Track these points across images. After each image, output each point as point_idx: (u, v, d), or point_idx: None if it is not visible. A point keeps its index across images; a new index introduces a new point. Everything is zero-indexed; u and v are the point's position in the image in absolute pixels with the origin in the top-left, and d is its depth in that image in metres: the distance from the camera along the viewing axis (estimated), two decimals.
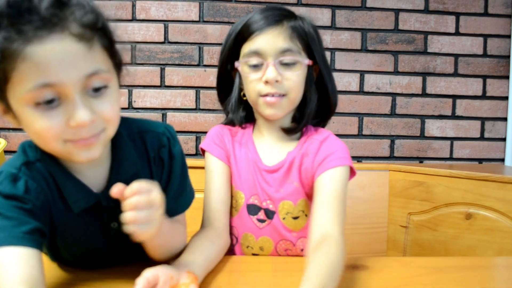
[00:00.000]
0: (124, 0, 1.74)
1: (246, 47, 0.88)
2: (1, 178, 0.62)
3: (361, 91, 1.85)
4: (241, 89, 0.94)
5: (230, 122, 0.99)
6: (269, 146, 0.95)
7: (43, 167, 0.65)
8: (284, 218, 0.91)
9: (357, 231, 1.42)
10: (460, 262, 0.89)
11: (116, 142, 0.69)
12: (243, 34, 0.88)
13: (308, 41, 0.89)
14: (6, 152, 1.60)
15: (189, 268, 0.66)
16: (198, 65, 1.78)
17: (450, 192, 1.42)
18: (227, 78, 0.96)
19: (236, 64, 0.90)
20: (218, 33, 1.78)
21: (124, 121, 0.71)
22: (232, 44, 0.91)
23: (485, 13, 1.88)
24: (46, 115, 0.56)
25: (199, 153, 1.77)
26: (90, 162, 0.65)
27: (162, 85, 1.78)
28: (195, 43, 1.78)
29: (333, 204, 0.81)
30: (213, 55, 1.78)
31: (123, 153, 0.70)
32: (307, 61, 0.89)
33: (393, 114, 1.87)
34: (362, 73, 1.85)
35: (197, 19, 1.78)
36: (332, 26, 1.83)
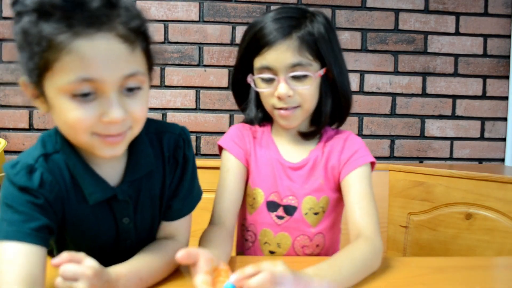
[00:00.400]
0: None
1: (258, 62, 0.89)
2: (18, 168, 0.62)
3: (361, 91, 1.85)
4: (257, 92, 0.95)
5: (249, 122, 1.00)
6: (290, 145, 0.97)
7: (61, 158, 0.66)
8: (306, 214, 0.94)
9: None
10: (460, 262, 0.89)
11: (134, 140, 0.70)
12: (254, 47, 0.89)
13: (318, 47, 0.88)
14: (6, 152, 1.60)
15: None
16: (198, 65, 1.78)
17: (450, 192, 1.42)
18: (242, 83, 0.96)
19: (249, 79, 0.92)
20: (218, 33, 1.78)
21: (147, 120, 0.72)
22: (244, 54, 0.92)
23: (485, 13, 1.88)
24: (80, 107, 0.58)
25: (199, 153, 1.77)
26: (113, 158, 0.66)
27: (162, 85, 1.78)
28: (195, 43, 1.78)
29: (364, 204, 0.86)
30: (213, 55, 1.78)
31: (140, 151, 0.72)
32: (317, 74, 0.89)
33: (393, 114, 1.87)
34: (362, 73, 1.85)
35: (197, 19, 1.78)
36: (334, 26, 1.82)
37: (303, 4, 1.81)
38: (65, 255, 0.55)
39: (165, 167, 0.74)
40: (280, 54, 0.86)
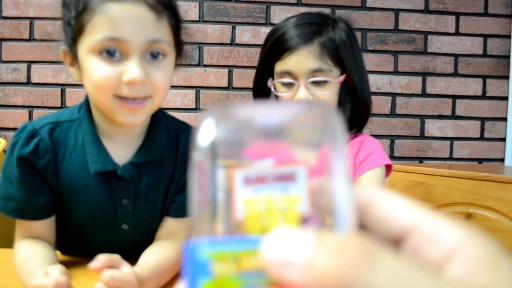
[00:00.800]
0: None
1: (278, 67, 0.90)
2: (25, 132, 0.70)
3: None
4: (277, 96, 0.95)
5: None
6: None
7: (76, 126, 0.73)
8: None
9: None
10: None
11: (153, 127, 0.75)
12: (276, 52, 0.90)
13: (339, 53, 0.89)
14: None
15: None
16: (198, 65, 1.78)
17: (450, 192, 1.42)
18: (264, 87, 0.97)
19: (269, 83, 0.93)
20: (218, 33, 1.78)
21: (166, 115, 0.78)
22: (265, 59, 0.93)
23: (485, 13, 1.88)
24: (106, 66, 0.64)
25: None
26: (131, 126, 0.72)
27: None
28: (195, 43, 1.78)
29: None
30: (213, 55, 1.78)
31: (155, 138, 0.75)
32: (337, 80, 0.89)
33: (393, 114, 1.87)
34: None
35: (197, 19, 1.78)
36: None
37: (303, 4, 1.81)
38: (103, 258, 0.56)
39: (176, 162, 0.77)
40: (301, 60, 0.87)
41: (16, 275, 0.72)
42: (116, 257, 0.58)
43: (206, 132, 0.20)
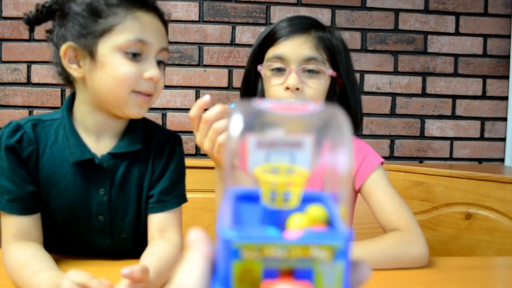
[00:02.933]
0: None
1: (270, 52, 0.89)
2: (11, 126, 0.76)
3: (361, 91, 1.85)
4: (263, 96, 0.94)
5: None
6: None
7: (57, 125, 0.79)
8: None
9: (357, 231, 1.42)
10: (460, 262, 0.89)
11: (132, 124, 0.82)
12: (268, 40, 0.90)
13: (334, 53, 0.90)
14: None
15: None
16: (198, 65, 1.78)
17: (450, 192, 1.42)
18: (252, 84, 0.96)
19: (259, 67, 0.91)
20: (218, 33, 1.78)
21: (144, 118, 0.85)
22: (257, 48, 0.92)
23: (485, 13, 1.88)
24: (130, 64, 0.74)
25: (199, 153, 1.77)
26: (135, 118, 0.80)
27: None
28: (195, 43, 1.78)
29: (392, 201, 0.86)
30: (213, 55, 1.78)
31: (133, 133, 0.81)
32: (330, 71, 0.88)
33: (393, 114, 1.87)
34: (362, 73, 1.85)
35: (197, 19, 1.78)
36: (332, 26, 1.82)
37: (303, 4, 1.81)
38: (136, 268, 0.58)
39: (149, 157, 0.82)
40: (296, 46, 0.86)
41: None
42: (145, 265, 0.61)
43: (236, 123, 0.24)
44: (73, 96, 0.82)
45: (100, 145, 0.79)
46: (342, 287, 0.24)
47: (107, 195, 0.78)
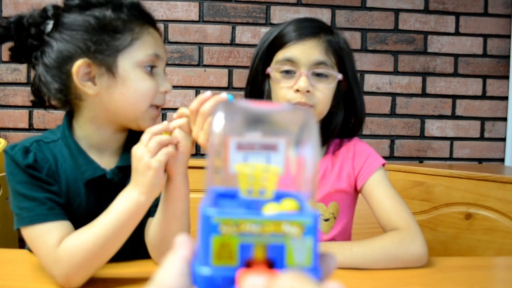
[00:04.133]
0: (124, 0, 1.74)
1: (280, 54, 0.89)
2: (16, 149, 0.73)
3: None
4: (269, 97, 0.94)
5: None
6: None
7: (60, 145, 0.78)
8: None
9: (357, 231, 1.42)
10: (460, 262, 0.89)
11: (131, 135, 0.82)
12: (277, 43, 0.90)
13: (343, 57, 0.91)
14: None
15: None
16: (198, 65, 1.78)
17: (450, 192, 1.42)
18: (257, 87, 0.95)
19: (269, 69, 0.91)
20: (218, 33, 1.78)
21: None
22: (265, 51, 0.92)
23: (485, 13, 1.88)
24: (149, 78, 0.76)
25: (199, 153, 1.77)
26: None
27: None
28: (195, 43, 1.78)
29: (392, 201, 0.87)
30: (212, 55, 1.78)
31: (135, 144, 0.79)
32: (340, 76, 0.90)
33: (393, 114, 1.87)
34: (362, 73, 1.85)
35: (197, 19, 1.78)
36: (332, 26, 1.82)
37: (303, 4, 1.81)
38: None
39: None
40: (307, 50, 0.87)
41: (15, 275, 0.72)
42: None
43: (218, 121, 0.27)
44: (70, 115, 0.80)
45: (103, 160, 0.79)
46: (311, 262, 0.26)
47: None
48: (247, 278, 0.25)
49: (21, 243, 1.37)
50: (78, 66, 0.72)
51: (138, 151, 0.66)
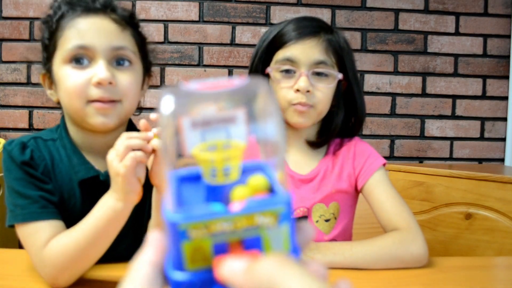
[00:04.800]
0: (124, 0, 1.74)
1: (280, 54, 0.89)
2: (13, 145, 0.74)
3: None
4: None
5: None
6: (298, 155, 0.96)
7: (57, 145, 0.78)
8: (317, 221, 0.93)
9: (357, 231, 1.42)
10: (460, 262, 0.89)
11: None
12: (277, 42, 0.89)
13: (343, 56, 0.90)
14: None
15: None
16: (198, 65, 1.78)
17: (450, 192, 1.42)
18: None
19: (268, 69, 0.91)
20: (218, 33, 1.78)
21: (135, 127, 0.84)
22: (264, 51, 0.92)
23: (485, 13, 1.88)
24: (76, 72, 0.71)
25: None
26: (105, 129, 0.75)
27: (162, 85, 1.78)
28: (195, 43, 1.78)
29: (392, 201, 0.87)
30: (213, 55, 1.78)
31: None
32: (340, 76, 0.90)
33: (393, 114, 1.87)
34: (362, 73, 1.85)
35: (197, 19, 1.78)
36: (332, 26, 1.82)
37: (303, 4, 1.81)
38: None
39: None
40: (307, 49, 0.87)
41: (15, 275, 0.72)
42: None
43: (167, 104, 0.25)
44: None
45: (98, 162, 0.78)
46: (290, 248, 0.25)
47: None
48: (226, 262, 0.23)
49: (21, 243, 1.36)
50: (42, 79, 0.79)
51: (109, 156, 0.63)
